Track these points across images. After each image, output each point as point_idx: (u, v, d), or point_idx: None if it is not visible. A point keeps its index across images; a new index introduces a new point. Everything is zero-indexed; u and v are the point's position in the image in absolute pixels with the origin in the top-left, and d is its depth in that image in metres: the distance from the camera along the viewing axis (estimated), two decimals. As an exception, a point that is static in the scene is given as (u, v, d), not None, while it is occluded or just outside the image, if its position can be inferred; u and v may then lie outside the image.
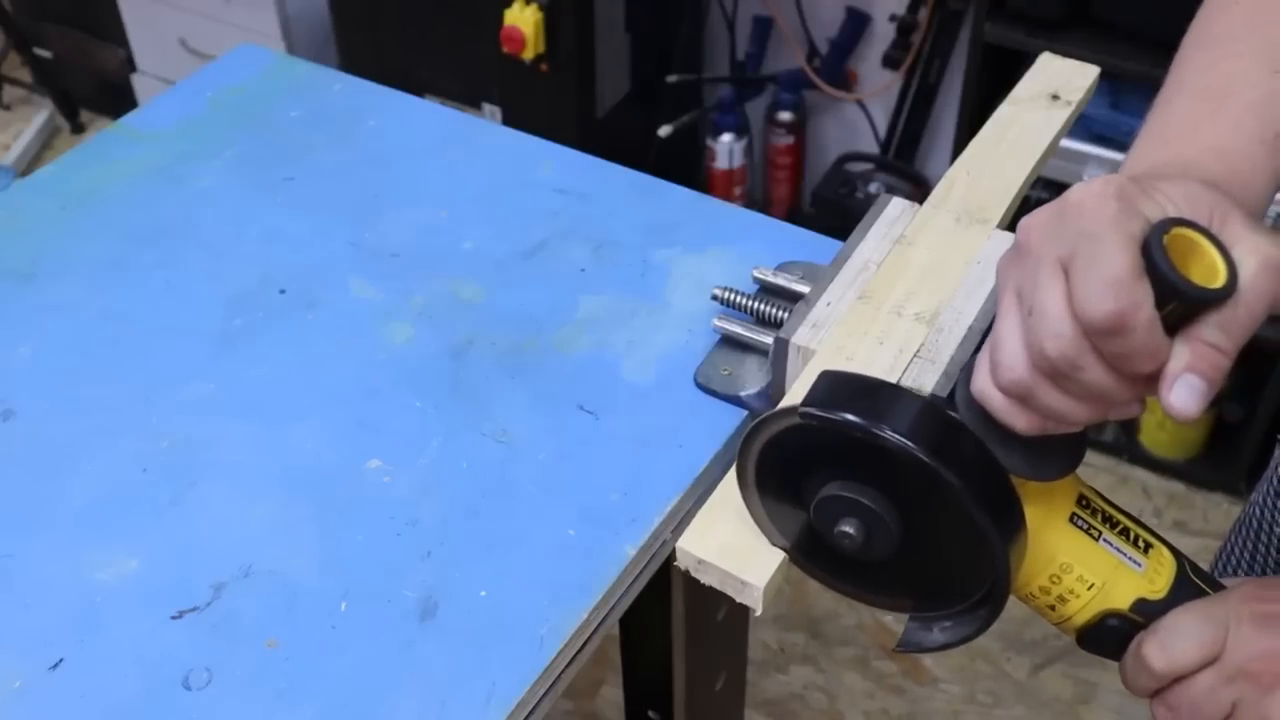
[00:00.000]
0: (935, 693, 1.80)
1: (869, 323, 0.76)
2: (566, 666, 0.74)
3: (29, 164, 2.68)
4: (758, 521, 0.68)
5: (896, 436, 0.58)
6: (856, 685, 1.81)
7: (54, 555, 0.78)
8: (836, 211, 2.14)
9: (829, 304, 0.79)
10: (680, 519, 0.81)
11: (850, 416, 0.59)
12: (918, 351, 0.74)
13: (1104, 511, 0.66)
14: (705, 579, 0.68)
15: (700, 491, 0.82)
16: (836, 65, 2.24)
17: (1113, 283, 0.51)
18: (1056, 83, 0.92)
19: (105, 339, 0.92)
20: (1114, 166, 1.81)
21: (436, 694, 0.71)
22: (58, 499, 0.81)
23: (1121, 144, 1.80)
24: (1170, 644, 0.62)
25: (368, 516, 0.80)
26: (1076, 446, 0.61)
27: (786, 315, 0.85)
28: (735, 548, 0.67)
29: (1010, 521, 0.60)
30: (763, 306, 0.88)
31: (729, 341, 0.89)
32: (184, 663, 0.72)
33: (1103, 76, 0.96)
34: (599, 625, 0.76)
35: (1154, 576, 0.65)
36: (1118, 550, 0.65)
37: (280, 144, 1.09)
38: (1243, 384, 1.94)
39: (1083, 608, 0.65)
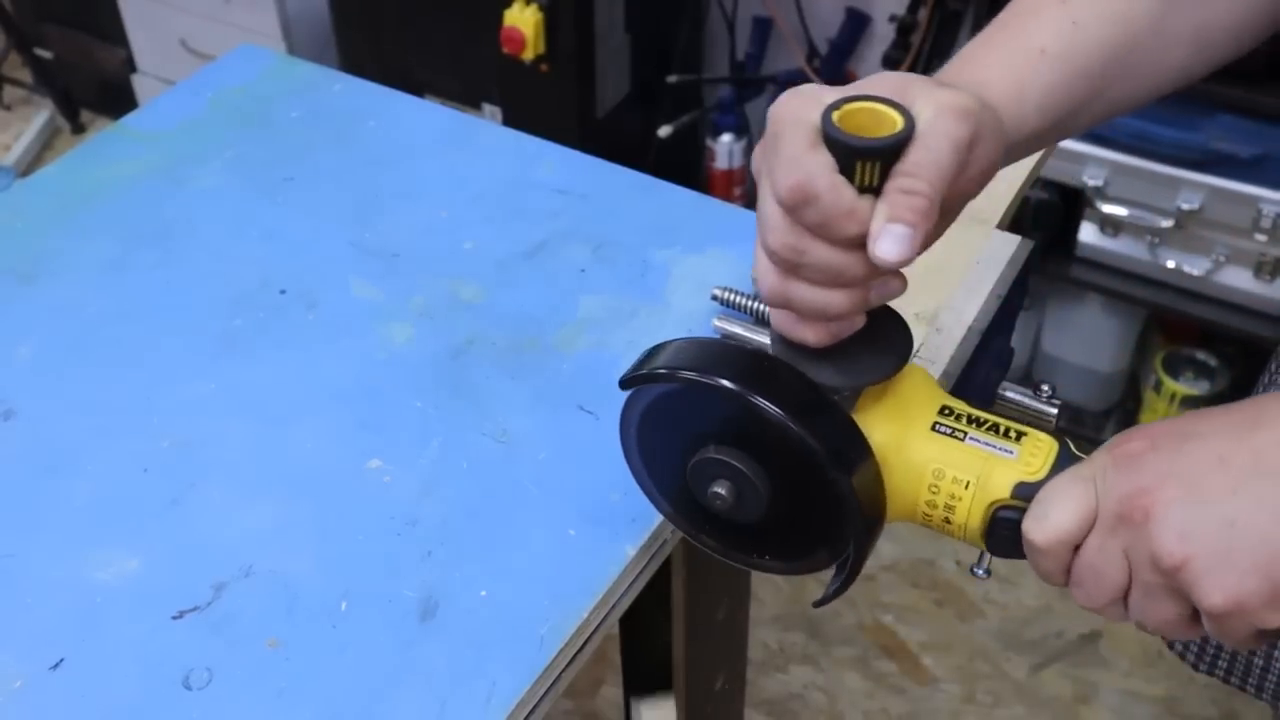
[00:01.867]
0: (935, 693, 1.80)
1: (869, 323, 0.76)
2: (566, 666, 0.74)
3: (29, 164, 2.68)
4: (648, 495, 0.71)
5: (693, 374, 0.62)
6: (856, 685, 1.81)
7: (54, 555, 0.78)
8: (836, 211, 2.14)
9: (829, 304, 0.79)
10: (680, 519, 0.81)
11: (656, 369, 0.63)
12: (917, 351, 0.74)
13: (968, 414, 0.66)
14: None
15: (700, 491, 0.82)
16: (836, 66, 2.24)
17: (788, 161, 0.57)
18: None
19: (105, 339, 0.92)
20: (1114, 167, 1.81)
21: (436, 694, 0.71)
22: (58, 499, 0.81)
23: (1121, 144, 1.80)
24: (1042, 514, 0.60)
25: (368, 516, 0.80)
26: (898, 344, 0.64)
27: (786, 315, 0.85)
28: None
29: (837, 433, 0.62)
30: (762, 307, 0.88)
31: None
32: (184, 663, 0.72)
33: (1102, 76, 0.95)
34: (599, 625, 0.76)
35: (1029, 459, 0.64)
36: (986, 444, 0.64)
37: (280, 144, 1.09)
38: (1242, 384, 1.94)
39: (970, 508, 0.64)
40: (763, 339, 0.85)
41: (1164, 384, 1.94)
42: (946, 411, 0.66)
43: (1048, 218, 1.91)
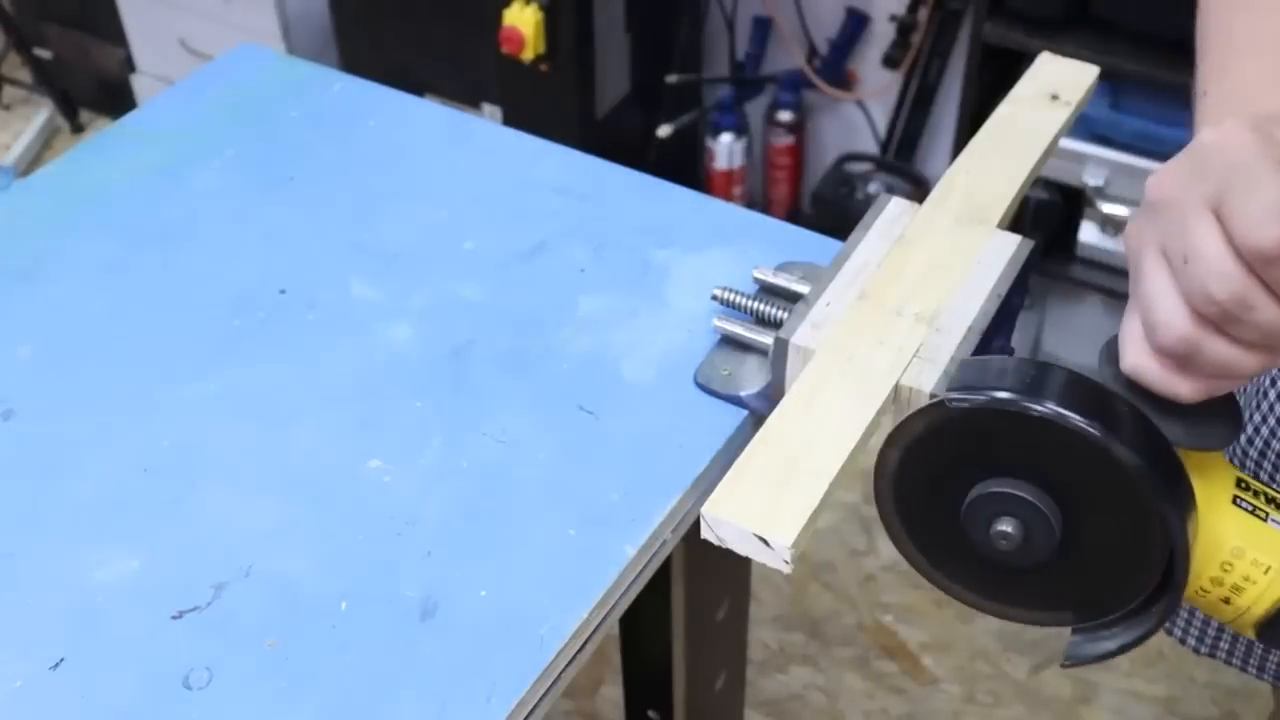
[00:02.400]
0: (935, 693, 1.80)
1: (869, 323, 0.76)
2: (566, 666, 0.74)
3: (29, 164, 2.68)
4: (898, 544, 0.64)
5: (1056, 409, 0.55)
6: (856, 685, 1.81)
7: (54, 555, 0.78)
8: (836, 212, 2.14)
9: (829, 304, 0.79)
10: (680, 519, 0.81)
11: (1001, 394, 0.56)
12: (917, 351, 0.74)
13: (1265, 493, 0.62)
14: (731, 543, 0.66)
15: (700, 491, 0.82)
16: (836, 65, 2.24)
17: (1277, 205, 0.49)
18: (1056, 83, 0.92)
19: (105, 339, 0.92)
20: (1114, 167, 1.81)
21: (436, 694, 0.71)
22: (58, 499, 0.81)
23: (1121, 144, 1.80)
24: None
25: (368, 516, 0.80)
26: (1235, 413, 0.59)
27: (786, 315, 0.85)
28: (759, 509, 0.66)
29: (1183, 496, 0.57)
30: (763, 307, 0.88)
31: (729, 341, 0.89)
32: (184, 663, 0.72)
33: (1103, 76, 0.96)
34: (599, 625, 0.76)
35: None
36: None
37: (280, 144, 1.09)
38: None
39: (1262, 594, 0.60)
40: (763, 339, 0.85)
41: (1164, 384, 1.94)
42: (1243, 486, 0.62)
43: (1048, 218, 1.91)
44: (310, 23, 2.29)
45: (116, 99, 2.59)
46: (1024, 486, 0.58)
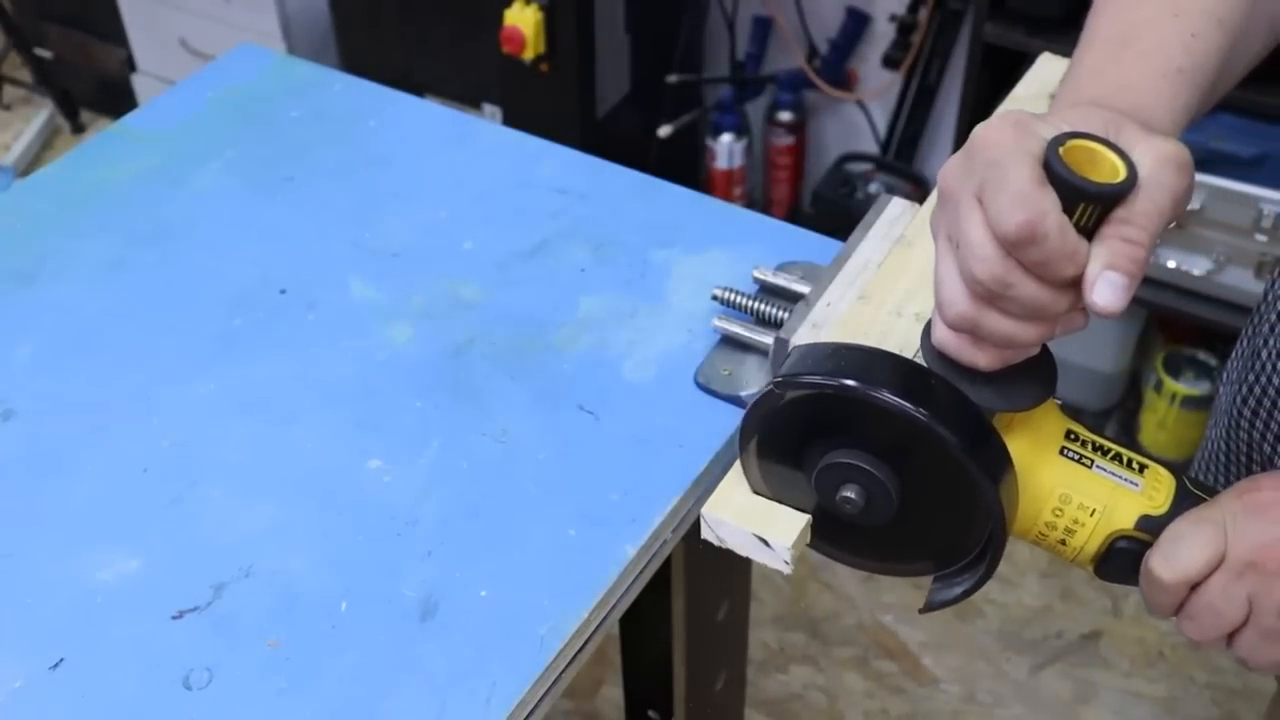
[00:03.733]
0: (935, 693, 1.80)
1: (869, 323, 0.76)
2: (566, 666, 0.74)
3: (29, 164, 2.68)
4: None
5: (856, 385, 0.61)
6: (856, 685, 1.81)
7: (54, 555, 0.78)
8: (836, 212, 2.14)
9: (829, 304, 0.79)
10: (680, 519, 0.81)
11: (814, 377, 0.62)
12: (917, 352, 0.74)
13: (1093, 441, 0.67)
14: (731, 543, 0.69)
15: (700, 491, 0.82)
16: (836, 65, 2.24)
17: (1018, 196, 0.55)
18: (1056, 83, 0.92)
19: (105, 339, 0.92)
20: (1114, 166, 1.81)
21: (436, 694, 0.71)
22: (58, 499, 0.81)
23: (1121, 144, 1.80)
24: (1172, 553, 0.63)
25: (368, 516, 0.80)
26: (1047, 373, 0.64)
27: (786, 315, 0.85)
28: (759, 510, 0.69)
29: (994, 458, 0.62)
30: (763, 307, 0.88)
31: (729, 341, 0.89)
32: (184, 663, 0.72)
33: (1103, 76, 0.95)
34: (599, 625, 0.76)
35: (1153, 493, 0.66)
36: (1112, 474, 0.66)
37: (280, 144, 1.09)
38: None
39: (1090, 535, 0.66)
40: (763, 339, 0.85)
41: (1165, 384, 1.94)
42: (1073, 436, 0.67)
43: (1048, 218, 1.91)
44: (310, 23, 2.29)
45: (116, 99, 2.59)
46: (860, 456, 0.63)
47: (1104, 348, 2.02)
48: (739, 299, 0.88)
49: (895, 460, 0.63)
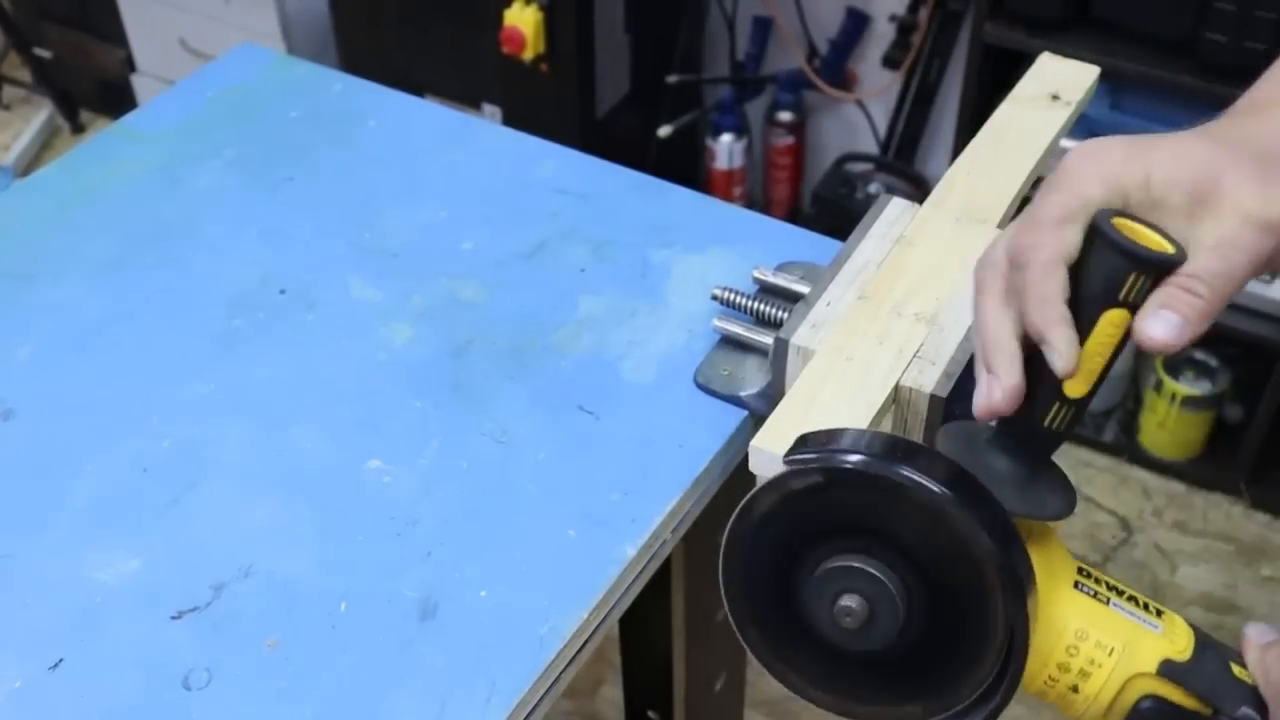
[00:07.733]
0: (935, 693, 1.79)
1: (869, 323, 0.76)
2: (566, 666, 0.74)
3: (29, 164, 2.68)
4: (741, 630, 0.63)
5: (904, 473, 0.55)
6: (856, 685, 1.80)
7: (54, 555, 0.78)
8: (836, 212, 2.14)
9: (829, 304, 0.79)
10: (680, 519, 0.81)
11: (851, 458, 0.56)
12: (918, 351, 0.74)
13: (1107, 581, 0.63)
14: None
15: (700, 491, 0.82)
16: (836, 65, 2.24)
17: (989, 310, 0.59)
18: (1056, 83, 0.92)
19: (105, 339, 0.92)
20: (1114, 166, 1.81)
21: (436, 694, 0.71)
22: (58, 499, 0.81)
23: (1121, 144, 1.80)
24: None
25: (368, 516, 0.80)
26: (1067, 487, 0.61)
27: (786, 315, 0.85)
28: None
29: (1023, 563, 0.56)
30: (763, 307, 0.88)
31: (729, 341, 0.89)
32: (184, 663, 0.72)
33: (1103, 77, 0.96)
34: (599, 625, 0.76)
35: (1173, 637, 0.61)
36: (1130, 613, 0.61)
37: (280, 144, 1.09)
38: (1242, 385, 1.94)
39: (1108, 678, 0.60)
40: (763, 339, 0.85)
41: (1164, 384, 1.94)
42: (1085, 573, 0.62)
43: (1048, 218, 1.91)
44: (310, 23, 2.29)
45: (116, 99, 2.58)
46: (870, 561, 0.57)
47: (1104, 348, 2.02)
48: (739, 299, 0.88)
49: (905, 565, 0.57)
